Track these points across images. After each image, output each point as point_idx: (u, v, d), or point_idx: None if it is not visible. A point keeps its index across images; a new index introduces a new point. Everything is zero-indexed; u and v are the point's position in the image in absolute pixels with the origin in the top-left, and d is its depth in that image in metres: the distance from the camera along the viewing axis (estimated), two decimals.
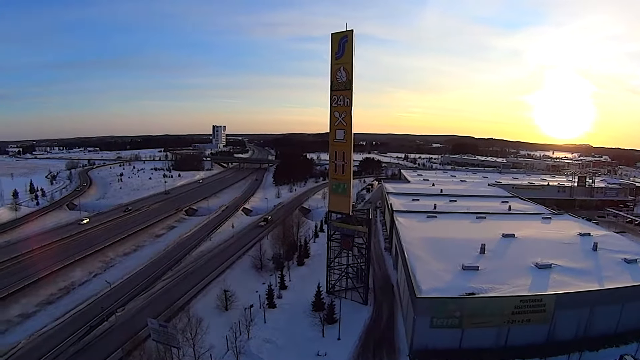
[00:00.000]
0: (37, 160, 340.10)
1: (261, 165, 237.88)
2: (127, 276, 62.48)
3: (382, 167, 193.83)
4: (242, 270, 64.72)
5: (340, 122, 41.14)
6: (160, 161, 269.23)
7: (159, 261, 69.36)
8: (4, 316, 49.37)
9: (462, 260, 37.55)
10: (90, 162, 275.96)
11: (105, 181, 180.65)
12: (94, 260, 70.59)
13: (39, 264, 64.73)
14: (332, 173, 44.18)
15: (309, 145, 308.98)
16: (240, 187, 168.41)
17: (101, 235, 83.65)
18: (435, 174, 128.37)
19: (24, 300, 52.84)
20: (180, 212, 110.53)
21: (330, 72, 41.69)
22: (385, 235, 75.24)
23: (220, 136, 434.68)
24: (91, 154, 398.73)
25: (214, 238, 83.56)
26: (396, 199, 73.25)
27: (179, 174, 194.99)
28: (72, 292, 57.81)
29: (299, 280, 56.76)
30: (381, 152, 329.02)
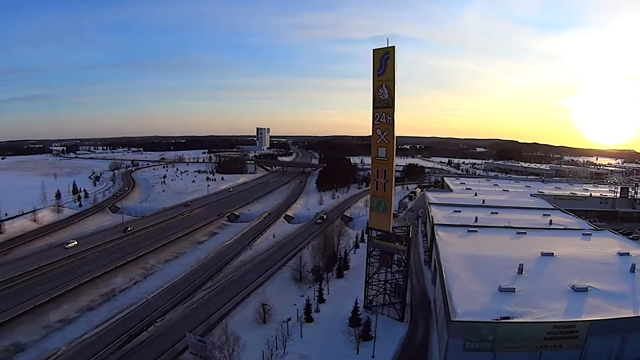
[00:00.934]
0: (80, 160, 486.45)
1: (304, 169, 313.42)
2: (167, 285, 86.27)
3: (425, 174, 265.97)
4: (282, 281, 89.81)
5: (383, 140, 60.29)
6: (204, 163, 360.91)
7: (200, 270, 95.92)
8: (44, 321, 71.95)
9: (499, 281, 55.01)
10: (134, 163, 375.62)
11: (149, 183, 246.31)
12: (134, 267, 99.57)
13: (80, 269, 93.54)
14: (374, 190, 64.30)
15: (352, 148, 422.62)
16: (283, 192, 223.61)
17: (143, 241, 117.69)
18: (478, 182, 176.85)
19: (65, 306, 77.54)
20: (222, 218, 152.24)
21: (372, 89, 60.09)
22: (425, 247, 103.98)
23: (264, 138, 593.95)
24: (135, 154, 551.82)
25: (255, 247, 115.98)
26: (438, 210, 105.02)
27: (222, 177, 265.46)
28: (113, 299, 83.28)
29: (337, 293, 79.31)
30: (425, 156, 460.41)
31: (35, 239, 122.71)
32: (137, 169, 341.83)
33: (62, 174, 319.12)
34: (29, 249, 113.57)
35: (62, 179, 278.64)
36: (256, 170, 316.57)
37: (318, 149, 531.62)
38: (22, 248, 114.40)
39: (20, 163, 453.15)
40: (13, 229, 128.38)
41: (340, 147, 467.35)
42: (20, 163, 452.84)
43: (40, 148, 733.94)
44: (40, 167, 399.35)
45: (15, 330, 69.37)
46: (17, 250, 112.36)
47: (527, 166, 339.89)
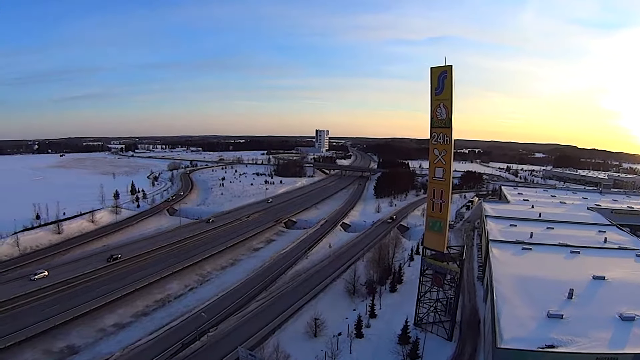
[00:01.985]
0: (139, 159, 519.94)
1: (363, 173, 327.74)
2: (221, 293, 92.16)
3: (483, 182, 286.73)
4: (335, 294, 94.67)
5: (440, 160, 64.40)
6: (263, 165, 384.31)
7: (255, 279, 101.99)
8: (98, 325, 79.27)
9: (549, 305, 58.50)
10: (193, 164, 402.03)
11: (207, 185, 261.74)
12: (190, 273, 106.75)
13: (136, 273, 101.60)
14: (430, 210, 68.69)
15: (411, 152, 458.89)
16: (341, 197, 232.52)
17: (200, 246, 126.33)
18: (535, 192, 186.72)
19: (120, 310, 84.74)
20: (279, 224, 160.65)
21: (430, 108, 63.57)
22: (479, 262, 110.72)
23: (323, 140, 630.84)
24: (194, 154, 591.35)
25: (310, 256, 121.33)
26: (494, 223, 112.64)
27: (280, 180, 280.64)
28: (168, 305, 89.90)
29: (389, 308, 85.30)
30: (484, 161, 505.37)
31: (93, 241, 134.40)
32: (196, 169, 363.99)
33: (121, 173, 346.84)
34: (86, 251, 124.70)
35: (120, 178, 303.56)
36: (314, 174, 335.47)
37: (377, 151, 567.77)
38: (80, 249, 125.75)
39: (78, 161, 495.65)
40: (71, 230, 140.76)
41: (399, 151, 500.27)
42: (79, 161, 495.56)
43: (99, 146, 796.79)
44: (98, 165, 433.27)
45: (71, 333, 76.96)
46: (74, 251, 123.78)
47: (585, 175, 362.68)
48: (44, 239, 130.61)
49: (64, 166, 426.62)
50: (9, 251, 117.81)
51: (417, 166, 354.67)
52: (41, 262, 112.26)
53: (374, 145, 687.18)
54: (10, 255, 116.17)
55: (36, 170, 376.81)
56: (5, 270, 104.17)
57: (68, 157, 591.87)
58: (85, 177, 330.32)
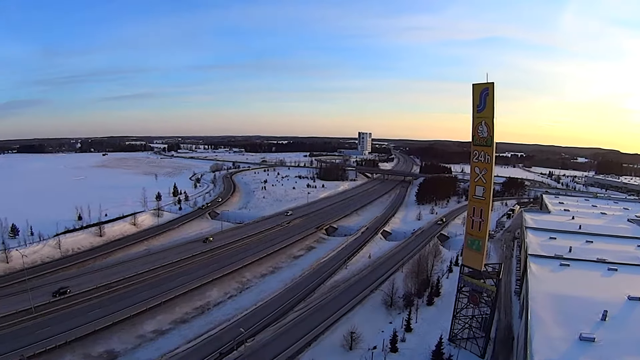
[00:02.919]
0: (181, 159, 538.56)
1: (405, 178, 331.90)
2: (260, 303, 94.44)
3: (524, 189, 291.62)
4: (373, 306, 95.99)
5: (481, 179, 65.63)
6: (305, 168, 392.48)
7: (294, 288, 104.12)
8: (138, 331, 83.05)
9: (582, 327, 58.89)
10: (235, 165, 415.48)
11: (249, 188, 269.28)
12: (230, 281, 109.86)
13: (177, 279, 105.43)
14: (469, 228, 70.07)
15: (453, 156, 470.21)
16: (382, 203, 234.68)
17: (241, 252, 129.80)
18: (577, 202, 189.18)
19: (160, 317, 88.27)
20: (320, 231, 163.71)
21: (471, 125, 64.57)
22: (518, 275, 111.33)
23: (366, 143, 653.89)
24: (236, 155, 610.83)
25: (350, 266, 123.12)
26: (533, 235, 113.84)
27: (322, 184, 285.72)
28: (207, 313, 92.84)
29: (425, 322, 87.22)
30: (526, 166, 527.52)
31: (134, 244, 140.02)
32: (238, 171, 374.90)
33: (163, 173, 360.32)
34: (128, 254, 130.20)
35: (162, 179, 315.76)
36: (357, 177, 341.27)
37: (419, 155, 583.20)
38: (121, 252, 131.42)
39: (121, 160, 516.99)
40: (113, 232, 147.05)
41: (442, 154, 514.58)
42: (121, 160, 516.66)
43: (141, 145, 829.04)
44: (141, 165, 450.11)
45: (112, 337, 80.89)
46: (116, 254, 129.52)
47: (627, 182, 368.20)
48: (86, 241, 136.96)
49: (106, 166, 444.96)
50: (51, 253, 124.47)
51: (459, 170, 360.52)
52: (83, 265, 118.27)
53: (416, 148, 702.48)
54: (52, 257, 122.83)
55: (78, 170, 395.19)
56: (46, 273, 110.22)
57: (110, 156, 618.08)
58: (127, 177, 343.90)
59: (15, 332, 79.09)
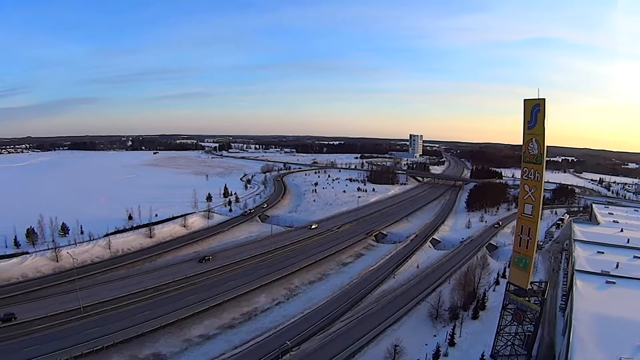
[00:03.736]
0: (232, 159, 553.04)
1: (455, 182, 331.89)
2: (307, 311, 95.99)
3: (574, 196, 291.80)
4: (418, 318, 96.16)
5: (530, 197, 65.81)
6: (356, 170, 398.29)
7: (342, 297, 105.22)
8: (185, 335, 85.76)
9: (622, 351, 59.05)
10: (286, 166, 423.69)
11: (299, 190, 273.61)
12: (279, 287, 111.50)
13: (226, 283, 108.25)
14: (516, 246, 70.62)
15: (504, 160, 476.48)
16: (432, 209, 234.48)
17: (290, 258, 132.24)
18: (626, 212, 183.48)
19: (207, 322, 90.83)
20: (370, 237, 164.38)
21: (522, 142, 64.90)
22: (564, 290, 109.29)
23: (417, 145, 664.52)
24: (287, 155, 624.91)
25: (398, 275, 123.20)
26: (581, 249, 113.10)
27: (373, 187, 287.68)
28: (254, 319, 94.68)
29: (469, 336, 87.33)
30: (576, 171, 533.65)
31: (184, 246, 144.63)
32: (289, 173, 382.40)
33: (214, 173, 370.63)
34: (177, 257, 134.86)
35: (213, 179, 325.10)
36: (407, 181, 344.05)
37: (470, 158, 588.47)
38: (171, 255, 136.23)
39: (171, 159, 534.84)
40: (162, 234, 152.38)
41: (492, 158, 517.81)
42: (172, 159, 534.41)
43: (192, 144, 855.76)
44: (192, 164, 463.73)
45: (159, 340, 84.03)
46: (165, 256, 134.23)
47: None
48: (135, 242, 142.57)
49: (157, 165, 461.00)
50: (101, 253, 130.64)
51: (510, 175, 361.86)
52: (132, 266, 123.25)
53: (468, 151, 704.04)
54: (102, 257, 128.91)
55: (129, 168, 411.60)
56: (96, 273, 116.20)
57: (161, 155, 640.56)
58: (178, 176, 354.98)
59: (63, 331, 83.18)
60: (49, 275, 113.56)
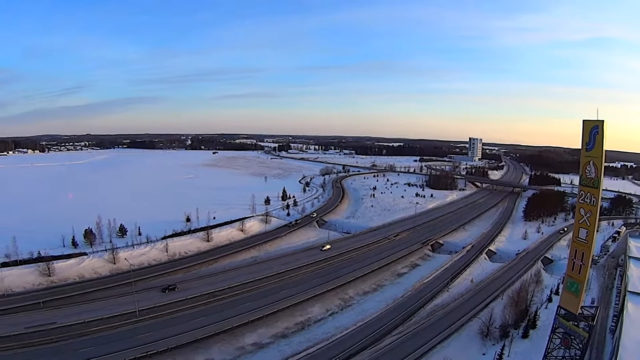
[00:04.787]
0: (291, 160, 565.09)
1: (513, 189, 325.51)
2: (360, 323, 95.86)
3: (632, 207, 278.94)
4: (468, 335, 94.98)
5: (585, 221, 64.56)
6: (414, 174, 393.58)
7: (395, 310, 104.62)
8: (239, 342, 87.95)
9: None
10: (345, 169, 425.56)
11: (358, 195, 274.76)
12: (333, 297, 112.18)
13: (281, 292, 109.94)
14: (569, 270, 69.32)
15: (563, 165, 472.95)
16: (490, 217, 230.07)
17: (346, 267, 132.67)
18: None
19: (261, 330, 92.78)
20: (426, 246, 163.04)
21: (579, 164, 63.83)
22: (615, 310, 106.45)
23: (476, 149, 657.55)
24: (346, 157, 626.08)
25: (452, 289, 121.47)
26: (636, 267, 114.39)
27: (431, 193, 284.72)
28: (307, 330, 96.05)
29: (517, 356, 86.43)
30: (635, 178, 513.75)
31: (241, 251, 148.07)
32: (348, 176, 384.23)
33: (272, 175, 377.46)
34: (234, 262, 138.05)
35: (272, 181, 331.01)
36: (466, 187, 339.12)
37: (529, 162, 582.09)
38: (228, 259, 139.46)
39: (230, 159, 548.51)
40: (220, 238, 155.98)
41: (551, 163, 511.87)
42: (231, 160, 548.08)
43: (252, 144, 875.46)
44: (251, 165, 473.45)
45: (212, 347, 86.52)
46: (222, 261, 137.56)
47: None
48: (193, 245, 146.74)
49: (216, 165, 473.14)
50: (158, 256, 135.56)
51: (568, 182, 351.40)
52: (189, 270, 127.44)
53: (527, 155, 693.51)
54: (159, 260, 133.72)
55: (188, 168, 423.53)
56: (152, 276, 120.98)
57: (220, 154, 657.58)
58: (236, 177, 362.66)
59: (118, 334, 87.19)
60: (106, 277, 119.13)
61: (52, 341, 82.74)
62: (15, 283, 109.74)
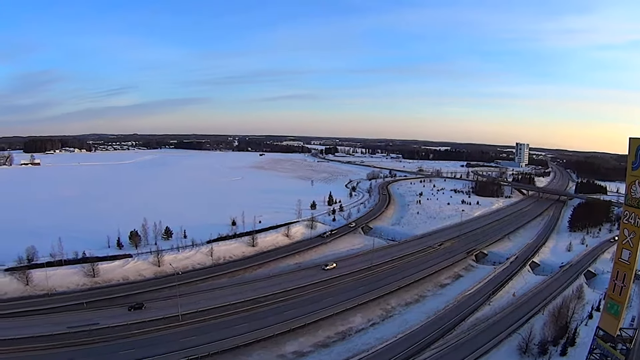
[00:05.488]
0: (338, 164, 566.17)
1: (559, 197, 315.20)
2: (400, 335, 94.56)
3: None
4: (507, 351, 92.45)
5: (628, 242, 62.92)
6: (461, 180, 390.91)
7: (436, 322, 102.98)
8: (279, 350, 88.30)
9: None
10: (392, 173, 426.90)
11: (404, 201, 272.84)
12: (375, 307, 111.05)
13: (324, 300, 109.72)
14: (610, 292, 68.93)
15: (610, 172, 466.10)
16: (534, 226, 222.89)
17: (390, 275, 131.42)
18: None
19: (302, 339, 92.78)
20: (470, 256, 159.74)
21: (625, 183, 62.85)
22: None
23: (523, 154, 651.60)
24: (393, 161, 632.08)
25: (493, 303, 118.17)
26: None
27: (477, 200, 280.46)
28: (347, 340, 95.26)
29: None
30: None
31: (285, 257, 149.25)
32: (394, 181, 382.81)
33: (319, 179, 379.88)
34: (278, 267, 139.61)
35: (318, 185, 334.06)
36: (512, 194, 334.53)
37: (576, 169, 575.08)
38: (272, 265, 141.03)
39: (277, 162, 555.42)
40: (265, 243, 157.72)
41: (597, 170, 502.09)
42: (278, 162, 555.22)
43: (299, 147, 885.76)
44: (297, 168, 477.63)
45: (252, 355, 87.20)
46: (266, 266, 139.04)
47: None
48: (238, 250, 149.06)
49: (263, 167, 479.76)
50: (203, 260, 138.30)
51: (615, 190, 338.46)
52: (233, 275, 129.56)
53: (574, 161, 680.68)
54: (203, 264, 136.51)
55: (235, 170, 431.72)
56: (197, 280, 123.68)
57: (267, 157, 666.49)
58: (283, 181, 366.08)
59: (160, 337, 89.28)
60: (149, 280, 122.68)
61: (94, 342, 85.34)
62: (59, 282, 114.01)
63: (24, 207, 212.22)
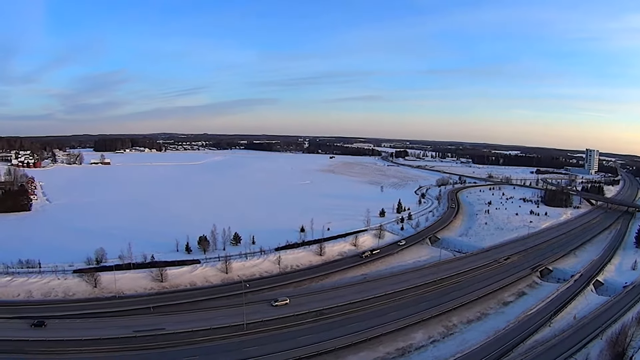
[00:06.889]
0: (408, 168, 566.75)
1: (628, 208, 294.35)
2: (459, 355, 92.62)
3: None
4: None
5: None
6: (530, 189, 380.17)
7: (495, 342, 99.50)
8: None
9: None
10: (461, 180, 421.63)
11: (472, 210, 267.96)
12: (437, 324, 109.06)
13: (388, 314, 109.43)
14: None
15: None
16: (601, 241, 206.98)
17: (455, 291, 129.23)
18: None
19: (363, 353, 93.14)
20: (535, 272, 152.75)
21: None
22: None
23: (593, 161, 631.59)
24: (463, 166, 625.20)
25: (554, 324, 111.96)
26: None
27: (545, 211, 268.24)
28: (406, 356, 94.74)
29: None
30: None
31: (352, 268, 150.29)
32: (464, 187, 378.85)
33: (389, 184, 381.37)
34: (344, 278, 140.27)
35: (387, 190, 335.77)
36: (581, 204, 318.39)
37: None
38: (338, 275, 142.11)
39: (347, 165, 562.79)
40: (332, 252, 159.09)
41: None
42: (348, 165, 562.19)
43: (369, 149, 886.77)
44: (367, 172, 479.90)
45: None
46: (333, 277, 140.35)
47: None
48: (305, 259, 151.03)
49: (333, 171, 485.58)
50: (270, 268, 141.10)
51: None
52: (300, 285, 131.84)
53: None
54: (270, 272, 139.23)
55: (305, 173, 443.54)
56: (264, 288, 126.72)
57: (337, 159, 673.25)
58: (352, 185, 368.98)
59: (224, 346, 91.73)
60: (216, 286, 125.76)
61: (159, 347, 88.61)
62: (127, 286, 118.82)
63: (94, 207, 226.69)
